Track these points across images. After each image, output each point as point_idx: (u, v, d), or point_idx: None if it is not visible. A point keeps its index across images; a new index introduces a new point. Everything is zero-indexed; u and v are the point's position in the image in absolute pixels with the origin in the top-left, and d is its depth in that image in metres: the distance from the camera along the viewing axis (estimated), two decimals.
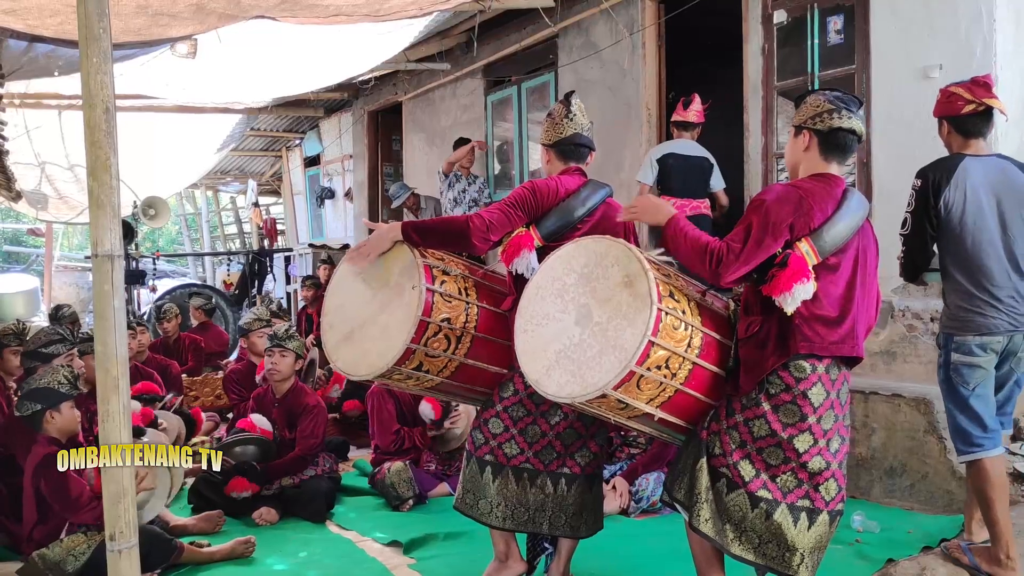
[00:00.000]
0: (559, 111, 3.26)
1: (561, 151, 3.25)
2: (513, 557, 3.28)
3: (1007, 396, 3.42)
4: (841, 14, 5.28)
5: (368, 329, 3.08)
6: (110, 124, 2.34)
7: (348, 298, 3.18)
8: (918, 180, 3.34)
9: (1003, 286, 3.25)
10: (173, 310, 7.87)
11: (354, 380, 3.74)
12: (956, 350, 3.30)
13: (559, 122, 3.24)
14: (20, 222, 21.19)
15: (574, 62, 7.19)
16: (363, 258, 3.14)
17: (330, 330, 3.20)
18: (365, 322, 3.10)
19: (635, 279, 2.57)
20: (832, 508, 2.64)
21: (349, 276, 3.21)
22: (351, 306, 3.16)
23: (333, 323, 3.20)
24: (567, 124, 3.23)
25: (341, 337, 3.15)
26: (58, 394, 3.74)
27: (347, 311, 3.17)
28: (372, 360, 3.04)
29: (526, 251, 3.01)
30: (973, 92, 3.31)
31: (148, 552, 3.00)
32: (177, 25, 5.09)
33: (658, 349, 2.51)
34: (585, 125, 3.26)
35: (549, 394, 2.68)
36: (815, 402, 2.58)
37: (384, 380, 3.16)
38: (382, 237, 3.11)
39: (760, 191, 3.55)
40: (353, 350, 3.11)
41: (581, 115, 3.26)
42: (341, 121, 11.83)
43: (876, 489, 4.53)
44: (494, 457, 3.11)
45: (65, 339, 4.71)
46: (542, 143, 3.31)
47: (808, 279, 2.52)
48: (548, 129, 3.27)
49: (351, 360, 3.12)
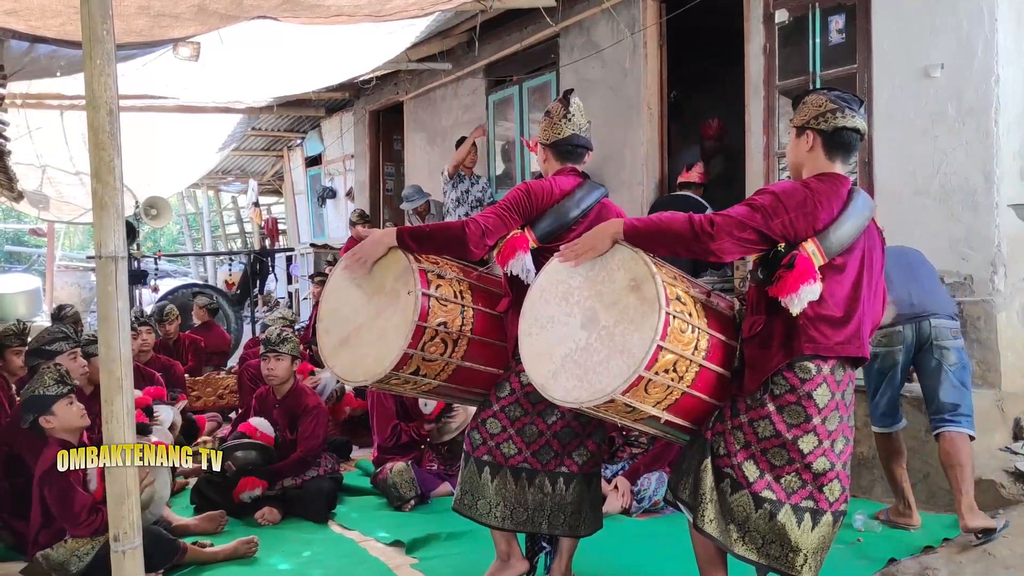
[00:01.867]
0: (557, 110, 3.23)
1: (558, 151, 3.24)
2: (515, 556, 3.28)
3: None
4: (842, 13, 5.28)
5: (364, 335, 3.08)
6: (114, 126, 2.35)
7: (343, 303, 3.17)
8: None
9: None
10: (174, 312, 7.87)
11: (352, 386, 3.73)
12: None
13: (557, 122, 3.22)
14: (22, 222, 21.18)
15: (575, 62, 7.19)
16: (360, 265, 3.12)
17: (326, 335, 3.20)
18: (361, 327, 3.09)
19: (642, 282, 2.55)
20: (836, 509, 2.64)
21: (344, 281, 3.19)
22: (346, 311, 3.15)
23: (329, 328, 3.19)
24: (565, 124, 3.21)
25: (338, 342, 3.15)
26: (46, 398, 3.68)
27: (343, 316, 3.15)
28: (369, 365, 3.04)
29: (521, 253, 3.00)
30: None
31: (151, 553, 3.00)
32: (179, 26, 5.10)
33: (666, 353, 2.50)
34: (583, 125, 3.24)
35: (556, 399, 2.66)
36: (820, 403, 2.58)
37: (381, 385, 3.16)
38: (377, 243, 3.09)
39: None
40: (350, 355, 3.11)
41: (579, 115, 3.24)
42: (342, 121, 11.84)
43: (878, 488, 4.53)
44: (492, 457, 3.11)
45: (69, 337, 4.71)
46: (540, 141, 3.29)
47: (815, 280, 2.51)
48: (546, 128, 3.25)
49: (348, 365, 3.11)
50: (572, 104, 3.23)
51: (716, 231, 2.53)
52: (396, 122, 10.56)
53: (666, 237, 2.61)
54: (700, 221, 2.55)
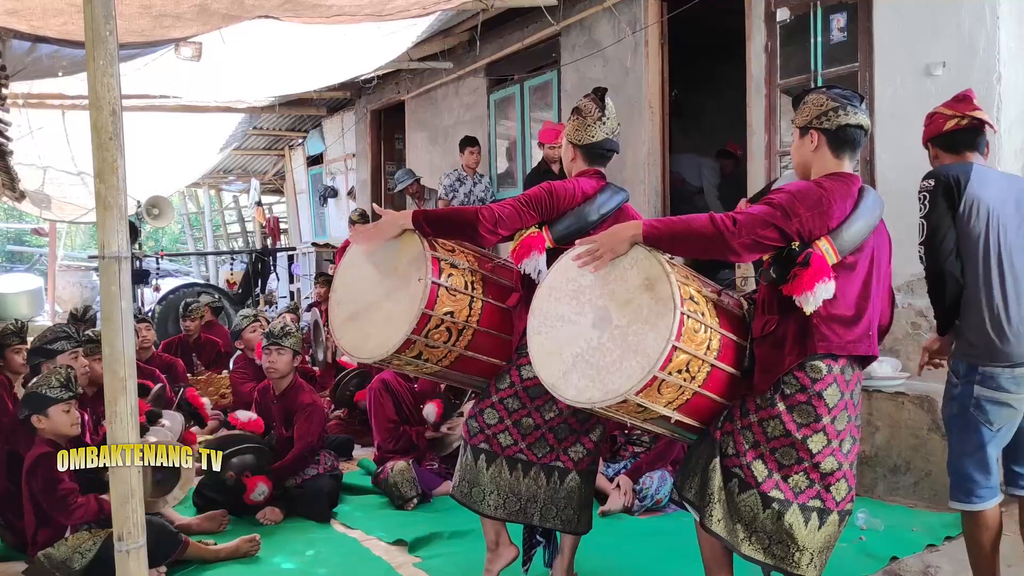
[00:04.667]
0: (591, 111, 3.17)
1: (588, 154, 3.21)
2: (503, 544, 3.30)
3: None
4: (844, 12, 5.29)
5: (373, 313, 3.11)
6: (117, 126, 2.34)
7: (358, 278, 3.21)
8: (930, 180, 2.96)
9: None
10: (199, 310, 7.84)
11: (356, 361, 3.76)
12: (981, 383, 2.91)
13: (591, 124, 3.17)
14: (23, 222, 21.22)
15: (577, 60, 7.19)
16: (368, 239, 3.15)
17: (338, 307, 3.24)
18: (371, 306, 3.13)
19: (656, 282, 2.53)
20: (842, 508, 2.64)
21: (361, 257, 3.22)
22: (359, 287, 3.19)
23: (341, 300, 3.24)
24: (598, 127, 3.17)
25: (347, 316, 3.19)
26: (45, 399, 3.67)
27: (355, 291, 3.19)
28: (373, 345, 3.07)
29: (536, 252, 2.99)
30: (954, 107, 3.10)
31: (155, 544, 2.99)
32: (180, 26, 5.11)
33: (680, 353, 2.48)
34: (615, 128, 3.21)
35: (567, 399, 2.64)
36: (830, 403, 2.57)
37: (384, 364, 3.21)
38: (392, 223, 3.10)
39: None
40: (357, 332, 3.15)
41: (613, 118, 3.20)
42: (344, 120, 11.84)
43: (880, 487, 4.53)
44: (488, 445, 3.12)
45: (71, 336, 4.71)
46: (569, 140, 3.24)
47: (829, 278, 2.50)
48: (578, 128, 3.19)
49: (354, 341, 3.15)
50: (608, 107, 3.19)
51: (739, 229, 2.51)
52: (397, 121, 10.57)
53: (688, 237, 2.59)
54: (722, 219, 2.53)
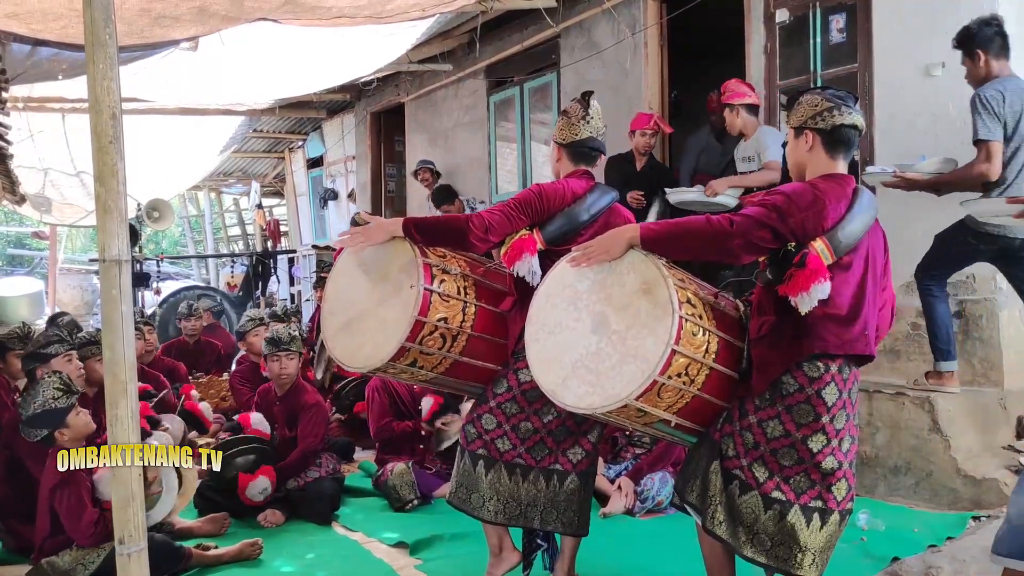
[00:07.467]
0: (576, 111, 3.23)
1: (573, 152, 3.24)
2: (507, 548, 3.29)
3: None
4: (843, 13, 5.29)
5: (366, 322, 3.09)
6: (117, 130, 2.35)
7: (349, 287, 3.19)
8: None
9: None
10: (199, 311, 7.88)
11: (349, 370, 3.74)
12: None
13: (575, 123, 3.21)
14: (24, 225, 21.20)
15: (576, 62, 7.19)
16: (355, 243, 3.13)
17: (330, 316, 3.22)
18: (363, 314, 3.11)
19: (654, 286, 2.54)
20: (843, 508, 2.64)
21: (351, 265, 3.20)
22: (351, 295, 3.16)
23: (333, 309, 3.21)
24: (583, 126, 3.21)
25: (340, 325, 3.17)
26: (59, 412, 3.65)
27: (347, 299, 3.17)
28: (367, 354, 3.06)
29: (528, 255, 3.00)
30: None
31: (158, 562, 2.98)
32: (179, 28, 5.12)
33: (679, 357, 2.49)
34: (600, 128, 3.24)
35: (567, 405, 2.64)
36: (829, 402, 2.58)
37: (379, 372, 3.19)
38: (380, 228, 3.10)
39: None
40: (350, 341, 3.13)
41: (597, 118, 3.25)
42: (344, 122, 11.85)
43: (881, 487, 4.53)
44: (487, 451, 3.12)
45: (64, 339, 4.69)
46: (555, 141, 3.29)
47: (825, 278, 2.51)
48: (563, 128, 3.24)
49: (348, 351, 3.13)
50: (592, 107, 3.23)
51: (736, 230, 2.53)
52: (397, 123, 10.57)
53: (686, 240, 2.61)
54: (719, 221, 2.55)
